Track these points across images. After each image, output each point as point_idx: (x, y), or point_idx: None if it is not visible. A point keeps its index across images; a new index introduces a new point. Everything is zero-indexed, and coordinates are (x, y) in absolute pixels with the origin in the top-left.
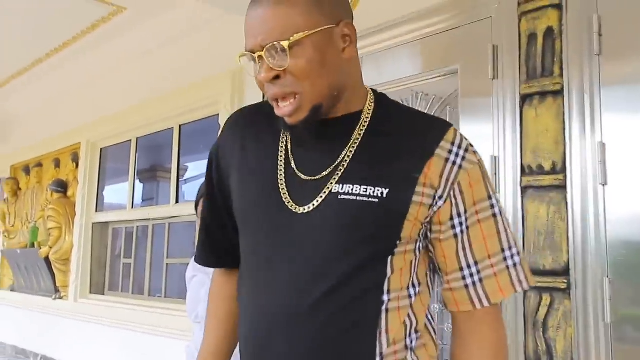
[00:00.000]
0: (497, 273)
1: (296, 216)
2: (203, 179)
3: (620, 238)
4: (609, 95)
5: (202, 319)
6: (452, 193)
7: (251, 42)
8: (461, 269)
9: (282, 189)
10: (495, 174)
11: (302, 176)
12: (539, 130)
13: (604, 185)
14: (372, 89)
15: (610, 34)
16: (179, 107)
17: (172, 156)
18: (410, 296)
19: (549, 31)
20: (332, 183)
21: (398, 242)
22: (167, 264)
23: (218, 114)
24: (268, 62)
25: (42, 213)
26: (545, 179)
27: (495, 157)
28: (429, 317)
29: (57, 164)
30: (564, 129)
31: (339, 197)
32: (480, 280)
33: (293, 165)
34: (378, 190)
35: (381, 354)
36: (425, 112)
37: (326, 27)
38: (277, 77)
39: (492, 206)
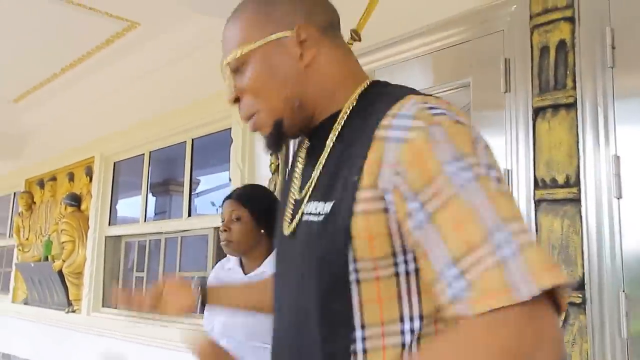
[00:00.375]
0: (485, 270)
1: (287, 241)
2: (214, 193)
3: (636, 252)
4: (623, 107)
5: (218, 334)
6: (395, 179)
7: (223, 58)
8: (438, 277)
9: (287, 210)
10: (509, 186)
11: (295, 195)
12: (552, 143)
13: (618, 198)
14: (373, 81)
15: (624, 46)
16: (191, 121)
17: (184, 170)
18: (403, 332)
19: (562, 44)
20: (304, 202)
21: (354, 264)
22: None
23: (230, 128)
24: (226, 85)
25: (55, 227)
26: (559, 192)
27: (508, 171)
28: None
29: (71, 177)
30: (578, 142)
31: (303, 218)
32: (469, 284)
33: (295, 184)
34: (327, 205)
35: None
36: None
37: (272, 37)
38: (237, 100)
39: (455, 175)
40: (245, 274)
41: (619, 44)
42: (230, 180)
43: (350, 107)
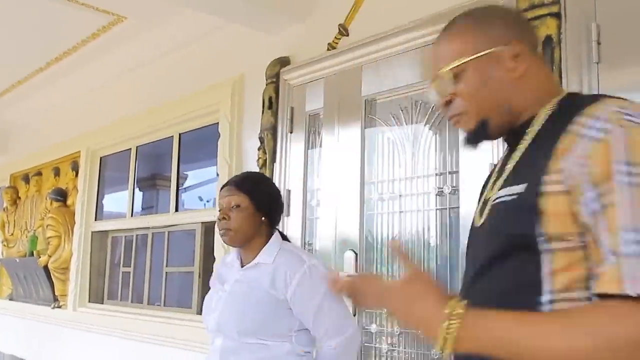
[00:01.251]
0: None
1: (476, 229)
2: (202, 187)
3: None
4: None
5: (212, 331)
6: (579, 167)
7: (432, 72)
8: (605, 253)
9: (477, 209)
10: None
11: (487, 192)
12: None
13: None
14: (569, 93)
15: (609, 42)
16: (178, 115)
17: (171, 165)
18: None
19: (548, 40)
20: (495, 192)
21: (543, 237)
22: (166, 273)
23: (218, 123)
24: (437, 91)
25: (41, 222)
26: None
27: (495, 165)
28: None
29: (57, 172)
30: None
31: (492, 203)
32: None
33: (491, 183)
34: (519, 187)
35: None
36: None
37: (490, 50)
38: (448, 102)
39: (629, 177)
40: (242, 267)
41: (604, 40)
42: (217, 175)
43: (549, 113)
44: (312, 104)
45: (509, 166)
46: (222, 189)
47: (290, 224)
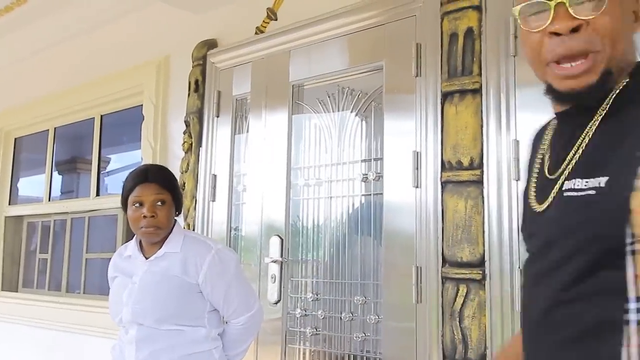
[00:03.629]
0: None
1: (537, 216)
2: (125, 171)
3: None
4: (523, 94)
5: (127, 323)
6: None
7: None
8: None
9: (530, 191)
10: (417, 168)
11: (547, 174)
12: (459, 127)
13: (517, 180)
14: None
15: None
16: (100, 96)
17: (92, 147)
18: None
19: (469, 31)
20: (562, 179)
21: (632, 238)
22: (86, 259)
23: (142, 105)
24: (572, 10)
25: None
26: (464, 174)
27: (417, 153)
28: None
29: None
30: (482, 126)
31: (564, 194)
32: None
33: (546, 164)
34: (597, 180)
35: None
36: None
37: None
38: (575, 30)
39: None
40: (147, 258)
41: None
42: (142, 159)
43: (620, 87)
44: (240, 88)
45: (578, 149)
46: (138, 183)
47: (216, 209)
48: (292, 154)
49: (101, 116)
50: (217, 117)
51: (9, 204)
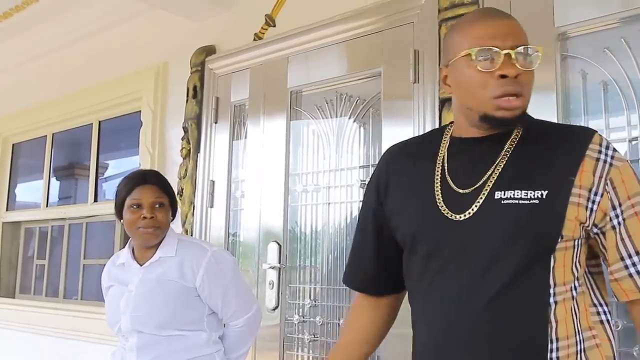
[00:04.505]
0: None
1: (457, 224)
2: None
3: None
4: None
5: (127, 331)
6: (606, 188)
7: (499, 41)
8: (622, 259)
9: (439, 203)
10: None
11: (457, 189)
12: None
13: None
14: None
15: None
16: (98, 102)
17: (90, 153)
18: (572, 289)
19: None
20: (486, 190)
21: (560, 239)
22: (83, 265)
23: (140, 111)
24: (515, 61)
25: None
26: None
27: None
28: (605, 315)
29: None
30: None
31: (502, 202)
32: None
33: (449, 180)
34: (537, 192)
35: (556, 349)
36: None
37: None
38: (518, 76)
39: None
40: (141, 265)
41: None
42: (140, 165)
43: (522, 129)
44: (238, 94)
45: (495, 167)
46: (137, 185)
47: (214, 215)
48: (290, 160)
49: (99, 122)
50: (216, 123)
51: (7, 210)
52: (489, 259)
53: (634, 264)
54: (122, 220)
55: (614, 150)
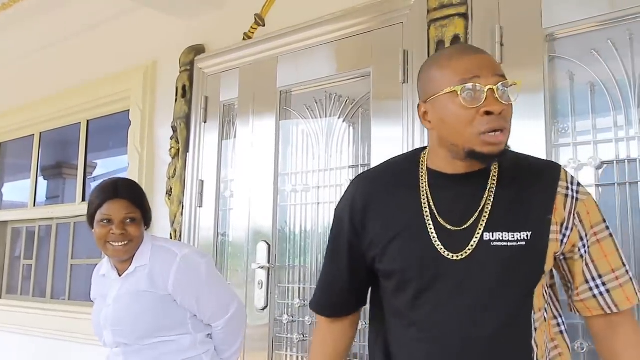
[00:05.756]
0: (622, 284)
1: (454, 263)
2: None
3: None
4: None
5: (112, 345)
6: (574, 222)
7: (482, 77)
8: (587, 282)
9: (434, 240)
10: None
11: (448, 226)
12: None
13: None
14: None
15: (511, 44)
16: (87, 101)
17: (78, 152)
18: (544, 311)
19: (456, 39)
20: (479, 231)
21: (542, 275)
22: (71, 265)
23: (129, 110)
24: (499, 96)
25: None
26: None
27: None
28: (564, 324)
29: None
30: None
31: (492, 244)
32: (607, 291)
33: (438, 217)
34: (523, 234)
35: None
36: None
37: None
38: (503, 111)
39: (607, 228)
40: (120, 275)
41: (507, 42)
42: (128, 164)
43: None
44: (227, 93)
45: (484, 207)
46: (107, 199)
47: (203, 215)
48: (280, 160)
49: (87, 121)
50: (205, 122)
51: None
52: (487, 296)
53: (597, 286)
54: (93, 230)
55: (578, 184)
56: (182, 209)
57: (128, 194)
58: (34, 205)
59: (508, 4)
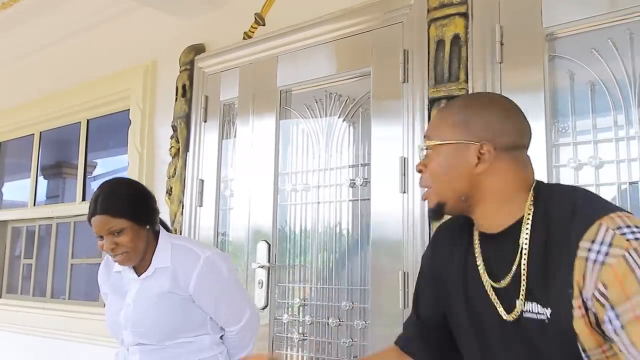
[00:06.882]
0: None
1: (506, 323)
2: (112, 176)
3: None
4: None
5: (129, 344)
6: (596, 293)
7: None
8: None
9: (492, 298)
10: (404, 174)
11: (495, 284)
12: None
13: None
14: (535, 185)
15: (511, 43)
16: (87, 100)
17: (79, 152)
18: None
19: (456, 38)
20: (521, 298)
21: (585, 354)
22: (71, 265)
23: (129, 109)
24: (420, 157)
25: None
26: None
27: (404, 158)
28: None
29: None
30: None
31: (524, 314)
32: None
33: (487, 276)
34: (546, 309)
35: None
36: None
37: (462, 142)
38: (420, 171)
39: None
40: (139, 276)
41: (507, 41)
42: (128, 164)
43: (530, 214)
44: (227, 93)
45: (521, 270)
46: (92, 217)
47: (203, 214)
48: (280, 160)
49: (87, 120)
50: (205, 122)
51: None
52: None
53: None
54: None
55: (612, 242)
56: (182, 208)
57: (106, 208)
58: (34, 205)
59: (508, 4)
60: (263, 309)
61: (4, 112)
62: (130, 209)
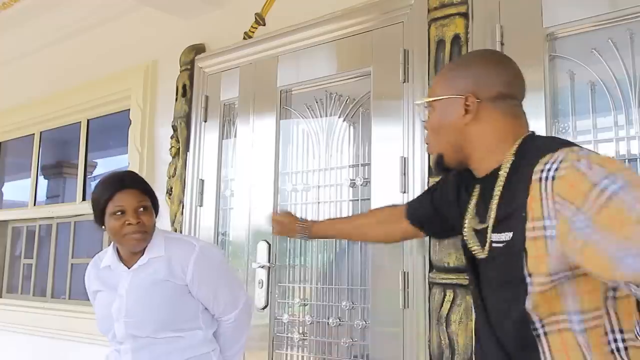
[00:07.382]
0: None
1: (480, 261)
2: None
3: None
4: None
5: (121, 337)
6: (557, 206)
7: None
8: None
9: (471, 236)
10: (405, 174)
11: (475, 225)
12: None
13: None
14: (526, 137)
15: (511, 43)
16: (87, 100)
17: (79, 152)
18: (571, 322)
19: (456, 38)
20: (489, 231)
21: (528, 277)
22: (72, 264)
23: (129, 109)
24: (422, 116)
25: None
26: None
27: (404, 158)
28: (613, 345)
29: None
30: None
31: (492, 244)
32: None
33: (474, 214)
34: (507, 234)
35: None
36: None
37: (450, 97)
38: (425, 128)
39: (606, 187)
40: (129, 268)
41: (507, 41)
42: (129, 163)
43: (510, 161)
44: (227, 93)
45: (492, 212)
46: (118, 190)
47: (204, 214)
48: (280, 159)
49: (88, 120)
50: (205, 122)
51: None
52: (496, 293)
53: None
54: (103, 227)
55: (562, 160)
56: (183, 208)
57: (136, 183)
58: (35, 205)
59: (508, 4)
60: (263, 309)
61: (4, 112)
62: (153, 193)
